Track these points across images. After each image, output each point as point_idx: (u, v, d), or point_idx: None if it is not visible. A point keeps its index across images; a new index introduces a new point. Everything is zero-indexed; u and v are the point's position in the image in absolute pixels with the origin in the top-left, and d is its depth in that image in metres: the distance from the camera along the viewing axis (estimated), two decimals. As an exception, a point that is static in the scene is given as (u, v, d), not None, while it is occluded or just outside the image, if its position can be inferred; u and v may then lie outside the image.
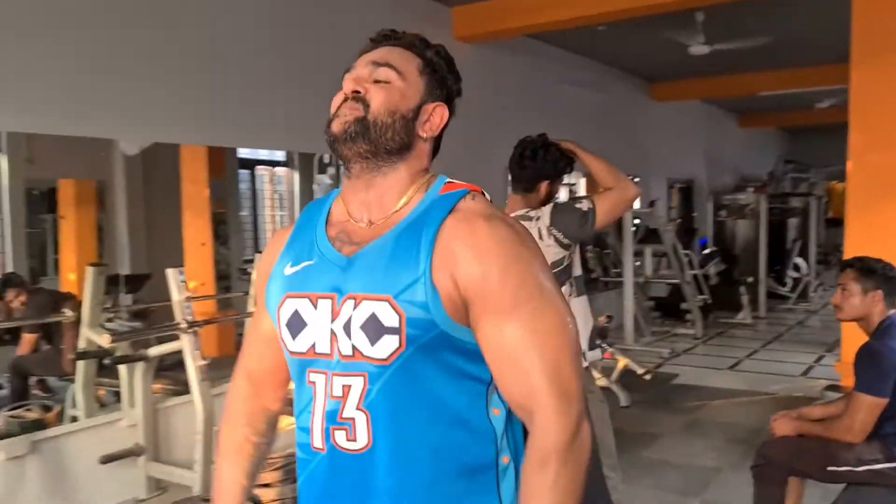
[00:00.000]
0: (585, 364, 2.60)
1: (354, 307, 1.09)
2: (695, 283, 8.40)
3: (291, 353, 1.17)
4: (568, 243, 2.56)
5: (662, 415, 5.33)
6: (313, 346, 1.13)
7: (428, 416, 1.10)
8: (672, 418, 5.24)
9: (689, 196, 11.64)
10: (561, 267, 2.56)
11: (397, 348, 1.07)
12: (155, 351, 3.69)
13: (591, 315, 2.80)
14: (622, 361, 5.65)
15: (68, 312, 3.96)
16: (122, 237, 6.51)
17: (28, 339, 4.63)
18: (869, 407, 2.64)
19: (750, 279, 9.11)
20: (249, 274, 7.50)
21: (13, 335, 5.05)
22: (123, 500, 3.84)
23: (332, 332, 1.11)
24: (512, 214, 2.66)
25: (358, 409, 1.09)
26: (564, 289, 2.57)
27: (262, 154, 8.24)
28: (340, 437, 1.11)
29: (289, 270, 1.19)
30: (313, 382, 1.13)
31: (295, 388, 1.19)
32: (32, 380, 5.00)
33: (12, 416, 4.06)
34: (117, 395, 4.58)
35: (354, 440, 1.10)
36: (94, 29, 4.12)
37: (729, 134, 13.17)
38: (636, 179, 10.13)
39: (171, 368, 4.73)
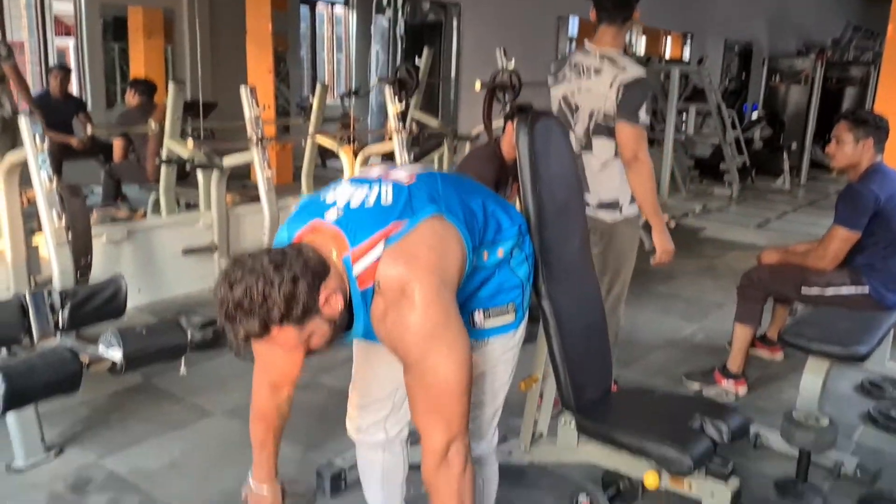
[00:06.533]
0: (622, 217, 2.81)
1: None
2: (736, 145, 8.55)
3: None
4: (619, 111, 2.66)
5: (682, 259, 5.71)
6: None
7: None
8: (690, 262, 5.68)
9: (746, 59, 11.47)
10: (611, 123, 2.69)
11: None
12: (228, 160, 4.20)
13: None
14: (650, 209, 6.01)
15: (153, 124, 4.46)
16: (188, 67, 6.91)
17: (118, 143, 5.20)
18: (842, 238, 3.03)
19: (794, 146, 9.20)
20: (305, 109, 7.93)
21: (105, 153, 5.65)
22: (200, 288, 4.50)
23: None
24: (592, 47, 2.72)
25: None
26: (606, 143, 2.73)
27: (323, -8, 8.46)
28: None
29: None
30: None
31: None
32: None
33: (105, 213, 4.69)
34: (189, 205, 5.19)
35: None
36: None
37: (798, -3, 12.69)
38: (691, 35, 10.00)
39: (239, 179, 5.29)
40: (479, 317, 1.61)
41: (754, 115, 9.78)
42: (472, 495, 1.49)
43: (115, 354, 2.22)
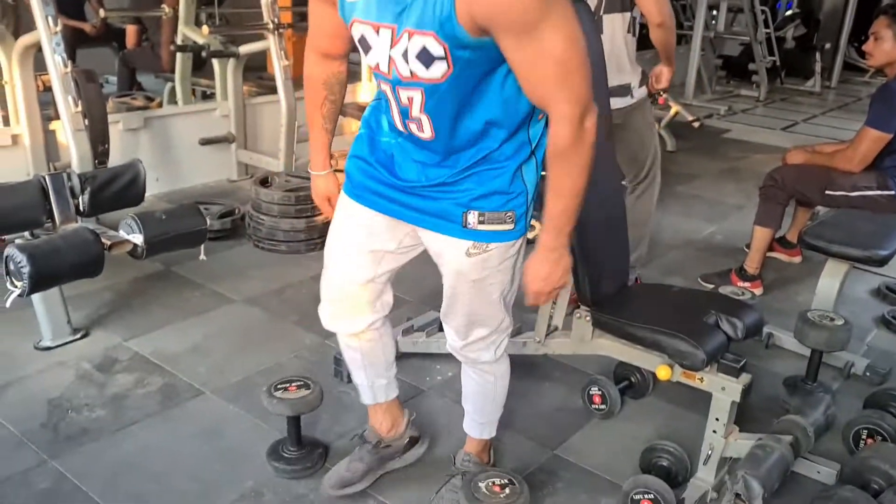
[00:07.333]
0: (633, 101, 2.77)
1: (409, 39, 1.33)
2: (767, 44, 8.24)
3: (367, 63, 1.47)
4: None
5: (704, 161, 5.68)
6: (378, 65, 1.43)
7: (475, 114, 1.45)
8: (712, 164, 5.60)
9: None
10: None
11: (447, 70, 1.36)
12: (245, 48, 4.11)
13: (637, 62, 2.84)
14: (674, 108, 5.89)
15: (167, 8, 4.34)
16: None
17: (131, 29, 5.08)
18: (873, 140, 2.95)
19: (828, 46, 8.85)
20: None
21: (119, 41, 5.54)
22: (218, 179, 4.50)
23: (391, 58, 1.38)
24: None
25: (421, 112, 1.45)
26: (618, 20, 2.67)
27: None
28: (414, 128, 1.50)
29: None
30: (385, 90, 1.48)
31: (375, 78, 1.51)
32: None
33: (121, 102, 4.65)
34: (205, 95, 5.12)
35: (422, 132, 1.49)
36: None
37: None
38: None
39: (256, 71, 5.19)
40: (472, 219, 1.55)
41: (788, 13, 9.37)
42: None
43: (136, 238, 2.24)
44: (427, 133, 1.48)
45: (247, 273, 3.30)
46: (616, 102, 2.65)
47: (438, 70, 1.36)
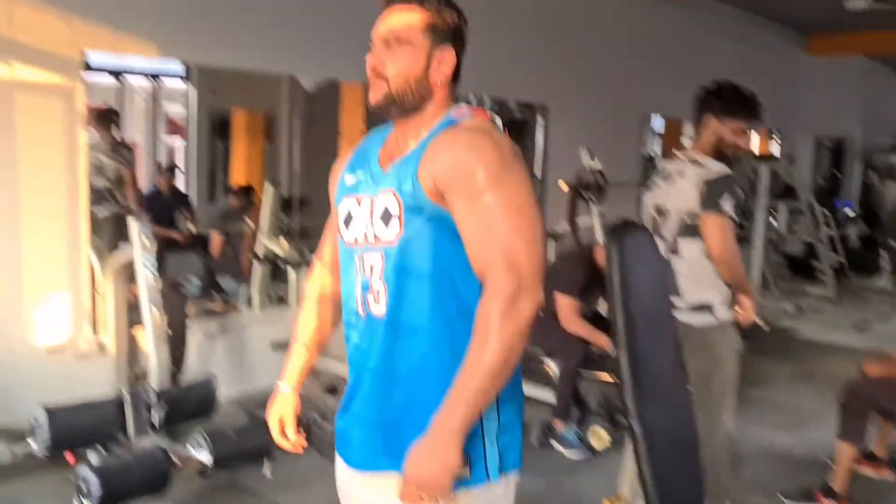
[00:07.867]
0: (716, 322, 2.68)
1: (376, 200, 1.40)
2: (831, 243, 8.26)
3: (345, 242, 1.49)
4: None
5: (775, 363, 5.53)
6: (356, 239, 1.45)
7: (425, 288, 1.37)
8: (783, 367, 5.44)
9: (838, 155, 11.21)
10: (697, 222, 2.68)
11: (398, 231, 1.37)
12: (319, 259, 4.36)
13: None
14: (740, 310, 5.84)
15: (250, 224, 4.69)
16: (284, 164, 7.28)
17: (216, 238, 5.48)
18: (953, 352, 2.86)
19: (894, 244, 8.82)
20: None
21: (204, 246, 5.97)
22: (287, 382, 4.58)
23: (367, 227, 1.42)
24: (679, 153, 2.84)
25: (379, 279, 1.40)
26: (694, 244, 2.69)
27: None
28: (371, 301, 1.42)
29: (349, 178, 1.51)
30: (353, 263, 1.46)
31: (343, 270, 1.51)
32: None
33: (201, 305, 4.90)
34: (280, 300, 5.36)
35: (377, 303, 1.40)
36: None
37: (894, 92, 12.43)
38: (779, 130, 9.92)
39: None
40: None
41: (848, 212, 9.47)
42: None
43: (205, 457, 2.27)
44: (381, 306, 1.40)
45: (309, 483, 3.26)
46: (695, 319, 2.69)
47: (393, 230, 1.37)
